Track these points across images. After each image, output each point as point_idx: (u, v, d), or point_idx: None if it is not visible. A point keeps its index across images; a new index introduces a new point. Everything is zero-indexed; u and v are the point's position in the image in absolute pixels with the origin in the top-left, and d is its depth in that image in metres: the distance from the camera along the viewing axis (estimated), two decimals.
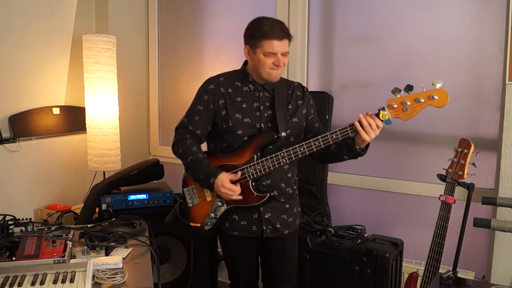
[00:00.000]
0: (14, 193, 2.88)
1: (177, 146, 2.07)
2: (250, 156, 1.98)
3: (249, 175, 1.97)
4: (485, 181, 2.44)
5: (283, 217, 2.10)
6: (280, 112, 2.01)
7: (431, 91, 1.76)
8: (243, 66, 2.09)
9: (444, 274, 1.57)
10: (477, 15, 2.42)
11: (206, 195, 2.07)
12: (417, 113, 1.79)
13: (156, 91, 3.67)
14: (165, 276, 2.80)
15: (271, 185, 2.04)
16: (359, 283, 2.33)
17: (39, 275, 1.54)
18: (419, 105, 1.78)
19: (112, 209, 2.69)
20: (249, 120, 2.01)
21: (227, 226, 2.10)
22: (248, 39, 1.97)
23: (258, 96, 2.05)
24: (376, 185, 2.77)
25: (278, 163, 1.94)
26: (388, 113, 1.80)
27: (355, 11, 2.79)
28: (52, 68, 3.15)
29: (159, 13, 3.61)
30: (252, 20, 1.99)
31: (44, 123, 3.11)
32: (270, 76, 1.98)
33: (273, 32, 1.89)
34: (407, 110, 1.79)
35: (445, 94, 1.76)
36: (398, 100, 1.79)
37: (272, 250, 2.14)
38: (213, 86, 2.04)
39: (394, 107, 1.80)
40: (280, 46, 1.91)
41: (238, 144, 2.02)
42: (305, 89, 2.14)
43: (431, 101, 1.76)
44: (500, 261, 2.25)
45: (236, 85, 2.05)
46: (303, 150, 1.91)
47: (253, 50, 1.95)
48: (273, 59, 1.93)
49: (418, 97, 1.77)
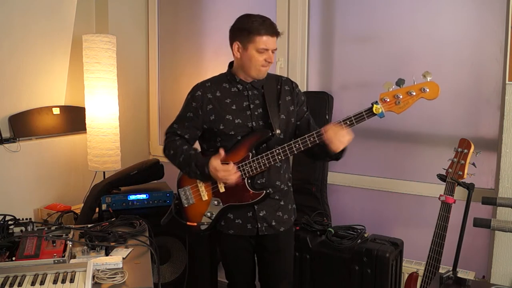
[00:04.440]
0: (14, 193, 2.88)
1: (168, 149, 2.10)
2: (245, 154, 1.99)
3: (245, 173, 1.98)
4: (485, 181, 2.44)
5: (278, 214, 2.10)
6: (271, 109, 2.02)
7: (422, 84, 1.79)
8: (228, 68, 2.10)
9: (444, 274, 1.57)
10: (477, 15, 2.42)
11: (202, 194, 2.08)
12: (409, 106, 1.83)
13: (156, 91, 3.67)
14: (165, 276, 2.80)
15: (266, 183, 2.04)
16: (359, 283, 2.34)
17: (39, 275, 1.54)
18: (411, 98, 1.81)
19: (112, 209, 2.69)
20: (240, 121, 2.02)
21: (223, 225, 2.11)
22: (238, 35, 1.96)
23: (248, 95, 2.05)
24: (376, 185, 2.77)
25: (274, 160, 1.95)
26: (381, 107, 1.83)
27: (355, 11, 2.78)
28: (52, 68, 3.15)
29: (159, 13, 3.61)
30: (240, 17, 1.99)
31: (44, 123, 3.11)
32: (260, 73, 2.00)
33: (265, 27, 1.91)
34: (400, 103, 1.82)
35: (436, 86, 1.78)
36: (391, 94, 1.82)
37: (268, 249, 2.14)
38: (200, 93, 2.06)
39: (386, 100, 1.83)
40: (272, 42, 1.94)
41: (232, 144, 2.02)
42: (294, 85, 2.14)
43: (423, 94, 1.80)
44: (500, 261, 2.25)
45: (224, 87, 2.07)
46: (298, 146, 1.92)
47: (245, 46, 1.95)
48: (266, 56, 1.95)
49: (409, 90, 1.80)
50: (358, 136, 2.75)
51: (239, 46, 1.97)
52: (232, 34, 2.00)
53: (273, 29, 1.94)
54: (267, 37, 1.92)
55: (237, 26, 1.98)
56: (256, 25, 1.91)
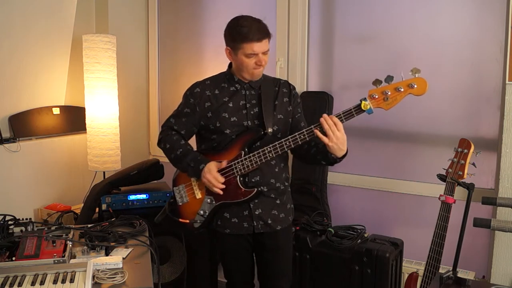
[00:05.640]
0: (14, 193, 2.88)
1: (163, 142, 2.14)
2: (238, 153, 2.01)
3: (237, 171, 2.00)
4: (485, 181, 2.44)
5: (274, 213, 2.11)
6: (266, 109, 2.05)
7: (410, 80, 1.80)
8: (228, 68, 2.12)
9: (444, 274, 1.57)
10: (477, 15, 2.42)
11: (195, 193, 2.09)
12: (398, 102, 1.83)
13: (156, 91, 3.67)
14: (165, 276, 2.80)
15: (260, 181, 2.06)
16: (359, 283, 2.34)
17: (39, 275, 1.54)
18: (399, 94, 1.81)
19: (112, 209, 2.69)
20: (235, 119, 2.05)
21: (219, 224, 2.12)
22: (228, 41, 2.00)
23: (245, 94, 2.08)
24: (376, 185, 2.77)
25: (265, 158, 1.96)
26: (370, 103, 1.84)
27: (355, 11, 2.78)
28: (52, 68, 3.15)
29: (159, 13, 3.61)
30: (230, 20, 2.01)
31: (44, 123, 3.11)
32: (253, 75, 2.03)
33: (252, 34, 1.91)
34: (388, 99, 1.83)
35: (423, 82, 1.79)
36: (379, 90, 1.83)
37: (266, 247, 2.15)
38: (199, 90, 2.09)
39: (375, 97, 1.83)
40: (260, 46, 1.94)
41: (226, 143, 2.05)
42: (291, 87, 2.17)
43: (411, 90, 1.80)
44: (500, 261, 2.25)
45: (222, 86, 2.10)
46: (288, 144, 1.93)
47: (235, 52, 1.98)
48: (255, 59, 1.97)
49: (398, 86, 1.80)
50: (358, 136, 2.78)
51: (230, 51, 2.01)
52: (225, 38, 2.03)
53: (260, 34, 1.93)
54: (254, 43, 1.92)
55: (226, 31, 2.01)
56: (244, 31, 1.91)
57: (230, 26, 2.00)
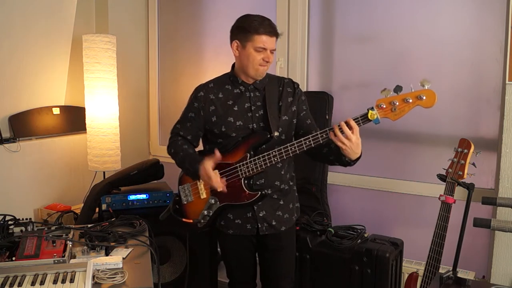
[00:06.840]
0: (14, 193, 2.88)
1: (170, 147, 2.16)
2: (243, 155, 2.00)
3: (242, 173, 1.99)
4: (485, 181, 2.44)
5: (278, 214, 2.11)
6: (271, 111, 2.04)
7: (419, 92, 1.78)
8: (232, 69, 2.12)
9: (444, 274, 1.57)
10: (477, 15, 2.42)
11: (200, 192, 2.09)
12: (405, 113, 1.82)
13: (156, 91, 3.67)
14: (165, 276, 2.79)
15: (265, 184, 2.05)
16: (359, 283, 2.34)
17: (39, 275, 1.54)
18: (407, 105, 1.80)
19: (112, 209, 2.69)
20: (241, 123, 2.04)
21: (223, 225, 2.12)
22: (237, 34, 2.00)
23: (249, 97, 2.07)
24: (376, 185, 2.77)
25: (270, 162, 1.95)
26: (377, 113, 1.82)
27: (355, 11, 2.78)
28: (52, 68, 3.15)
29: (159, 13, 3.61)
30: (240, 16, 2.02)
31: (44, 123, 3.11)
32: (258, 73, 2.01)
33: (264, 27, 1.93)
34: (396, 110, 1.81)
35: (433, 94, 1.77)
36: (387, 100, 1.81)
37: (269, 247, 2.15)
38: (202, 93, 2.08)
39: (383, 107, 1.82)
40: (270, 42, 1.96)
41: (232, 144, 2.04)
42: (295, 85, 2.15)
43: (419, 101, 1.78)
44: (500, 261, 2.25)
45: (226, 88, 2.09)
46: (294, 149, 1.93)
47: (243, 45, 1.98)
48: (263, 55, 1.96)
49: (406, 97, 1.78)
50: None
51: (238, 44, 2.00)
52: (232, 33, 2.03)
53: (272, 29, 1.95)
54: (266, 36, 1.94)
55: (236, 25, 2.01)
56: (255, 24, 1.93)
57: (240, 20, 2.00)
